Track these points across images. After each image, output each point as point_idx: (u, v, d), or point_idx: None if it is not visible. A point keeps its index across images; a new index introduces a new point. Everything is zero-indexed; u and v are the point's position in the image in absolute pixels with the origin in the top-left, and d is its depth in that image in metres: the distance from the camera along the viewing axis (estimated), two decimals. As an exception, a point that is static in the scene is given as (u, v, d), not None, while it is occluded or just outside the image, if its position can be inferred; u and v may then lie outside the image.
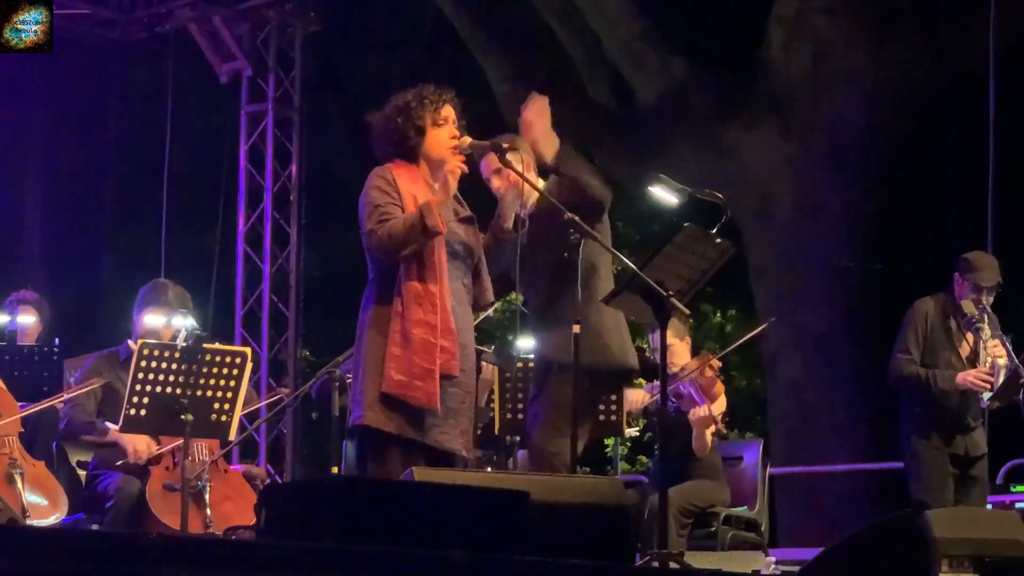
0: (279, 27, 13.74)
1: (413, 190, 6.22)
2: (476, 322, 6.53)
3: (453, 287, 6.24)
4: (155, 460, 7.77)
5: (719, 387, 8.68)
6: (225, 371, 7.38)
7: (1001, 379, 8.29)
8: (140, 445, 7.76)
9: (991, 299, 8.45)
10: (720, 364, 9.09)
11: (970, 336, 8.46)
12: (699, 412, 8.58)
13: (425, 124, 6.30)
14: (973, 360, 8.45)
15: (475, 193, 6.59)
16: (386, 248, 6.12)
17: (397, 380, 6.07)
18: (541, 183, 6.88)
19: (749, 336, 10.14)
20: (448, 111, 6.34)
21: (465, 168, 6.26)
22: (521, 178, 6.50)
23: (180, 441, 7.41)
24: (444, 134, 6.33)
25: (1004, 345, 8.35)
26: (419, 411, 6.09)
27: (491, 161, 6.77)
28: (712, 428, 8.56)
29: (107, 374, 8.01)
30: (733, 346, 10.37)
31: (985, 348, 8.36)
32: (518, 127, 6.67)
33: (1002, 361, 8.31)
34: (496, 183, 6.85)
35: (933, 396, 8.37)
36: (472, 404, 6.38)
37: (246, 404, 7.72)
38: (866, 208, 13.23)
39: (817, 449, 12.87)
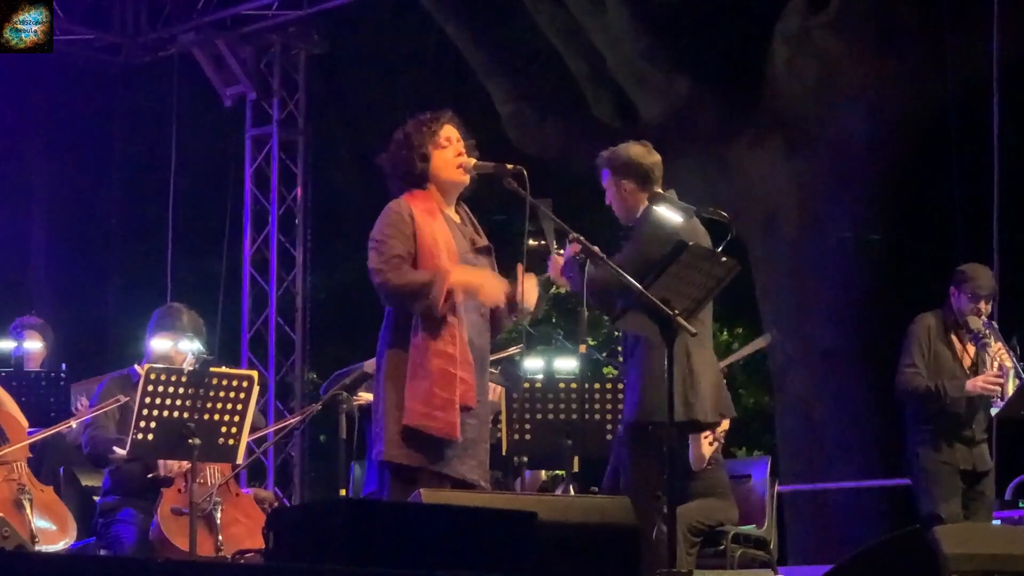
0: (283, 50, 13.75)
1: (430, 222, 6.21)
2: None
3: (471, 318, 6.24)
4: (182, 475, 7.75)
5: None
6: (232, 395, 7.39)
7: (1010, 380, 8.32)
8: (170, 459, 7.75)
9: (989, 308, 8.48)
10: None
11: (971, 348, 8.50)
12: None
13: (428, 151, 6.31)
14: (976, 372, 8.49)
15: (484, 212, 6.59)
16: (393, 294, 6.13)
17: (418, 412, 6.06)
18: None
19: (750, 348, 10.12)
20: (449, 131, 6.35)
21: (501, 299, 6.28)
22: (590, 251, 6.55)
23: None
24: (449, 154, 6.34)
25: (1011, 357, 8.37)
26: (440, 442, 6.10)
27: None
28: (709, 437, 8.47)
29: (123, 395, 7.99)
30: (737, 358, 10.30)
31: (989, 354, 8.39)
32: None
33: (1009, 364, 8.35)
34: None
35: (943, 407, 8.39)
36: (487, 434, 6.41)
37: (253, 430, 7.71)
38: (872, 224, 13.22)
39: (825, 466, 12.83)
